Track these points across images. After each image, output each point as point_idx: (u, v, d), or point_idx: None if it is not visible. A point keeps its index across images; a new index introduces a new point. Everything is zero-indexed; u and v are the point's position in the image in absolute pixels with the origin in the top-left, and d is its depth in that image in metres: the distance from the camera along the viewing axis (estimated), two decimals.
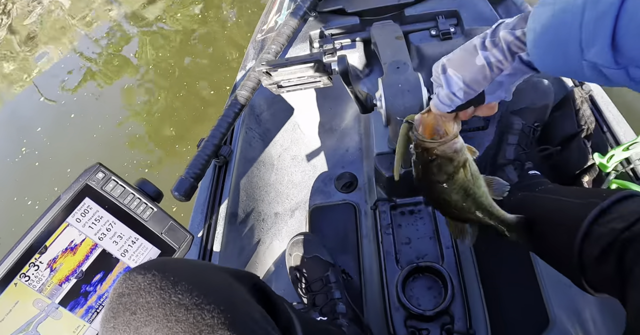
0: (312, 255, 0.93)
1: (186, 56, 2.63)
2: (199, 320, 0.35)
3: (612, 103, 0.92)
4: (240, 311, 0.38)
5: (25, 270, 0.56)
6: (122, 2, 3.36)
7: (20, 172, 2.42)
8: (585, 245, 0.55)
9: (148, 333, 0.34)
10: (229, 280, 0.41)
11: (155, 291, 0.36)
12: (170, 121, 2.28)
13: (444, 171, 0.56)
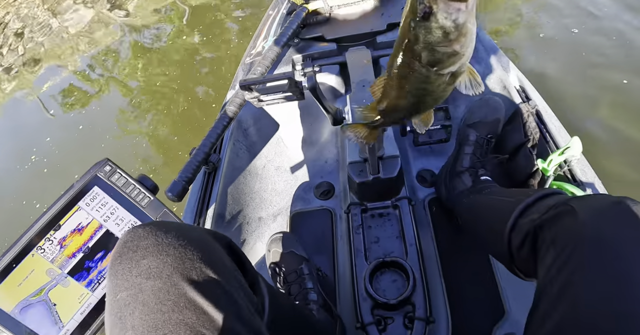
0: (289, 251, 1.04)
1: (190, 74, 2.79)
2: (183, 255, 0.47)
3: (555, 116, 1.06)
4: (215, 254, 0.50)
5: (42, 244, 0.67)
6: (132, 23, 3.53)
7: (29, 178, 2.52)
8: (512, 235, 0.67)
9: (145, 264, 0.46)
10: (207, 234, 0.53)
11: (151, 237, 0.48)
12: (174, 131, 2.42)
13: (429, 44, 0.48)
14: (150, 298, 0.44)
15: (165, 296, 0.44)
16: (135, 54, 3.25)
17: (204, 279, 0.46)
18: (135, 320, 0.43)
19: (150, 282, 0.45)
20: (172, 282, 0.45)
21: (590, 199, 0.57)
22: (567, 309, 0.49)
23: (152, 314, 0.43)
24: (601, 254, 0.49)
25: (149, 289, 0.44)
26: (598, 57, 1.98)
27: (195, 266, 0.47)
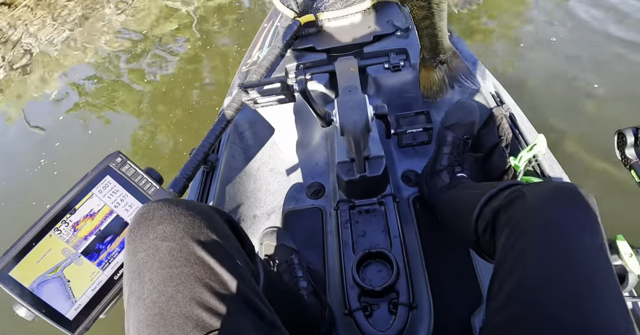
0: (280, 243, 1.12)
1: (193, 81, 2.91)
2: (192, 222, 0.55)
3: (526, 117, 1.16)
4: (218, 224, 0.58)
5: (59, 226, 0.75)
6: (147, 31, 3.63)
7: (39, 181, 2.60)
8: (478, 223, 0.77)
9: (161, 229, 0.54)
10: (210, 208, 0.61)
11: (165, 208, 0.56)
12: (180, 133, 2.53)
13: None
14: (165, 256, 0.52)
15: (178, 254, 0.52)
16: (141, 60, 3.37)
17: (209, 242, 0.55)
18: (152, 274, 0.51)
19: (165, 243, 0.53)
20: (184, 243, 0.53)
21: (538, 186, 0.66)
22: (519, 277, 0.58)
23: (167, 268, 0.51)
24: (545, 232, 0.59)
25: (164, 249, 0.52)
26: (573, 64, 2.12)
27: (202, 231, 0.55)
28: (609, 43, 2.19)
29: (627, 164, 0.92)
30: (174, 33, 3.52)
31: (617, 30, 2.25)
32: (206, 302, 0.50)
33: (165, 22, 3.68)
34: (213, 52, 3.11)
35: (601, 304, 0.51)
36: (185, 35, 3.45)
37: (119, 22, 4.00)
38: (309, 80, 1.31)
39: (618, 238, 0.80)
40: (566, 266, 0.55)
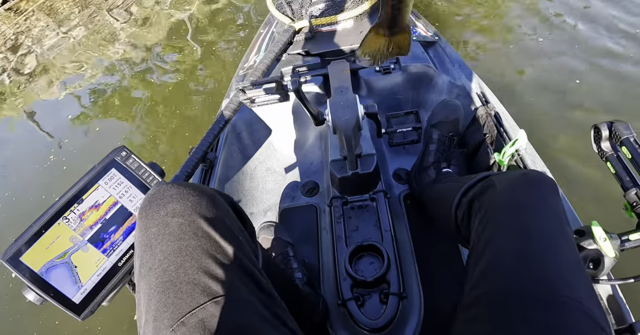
0: (275, 237, 1.17)
1: (194, 83, 3.00)
2: (199, 201, 0.60)
3: (510, 116, 1.22)
4: (222, 205, 0.64)
5: (67, 214, 0.80)
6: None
7: (49, 176, 2.69)
8: (457, 212, 0.82)
9: (171, 207, 0.59)
10: (215, 191, 0.67)
11: (174, 189, 0.61)
12: (187, 128, 2.62)
13: None
14: (175, 230, 0.57)
15: (186, 228, 0.57)
16: (142, 66, 3.48)
17: (215, 219, 0.60)
18: (163, 246, 0.57)
19: (175, 219, 0.58)
20: (192, 219, 0.58)
21: (507, 174, 0.73)
22: (489, 257, 0.63)
23: (177, 241, 0.57)
24: (510, 215, 0.65)
25: (174, 224, 0.58)
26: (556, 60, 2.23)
27: (208, 209, 0.60)
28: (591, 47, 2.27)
29: (603, 156, 0.98)
30: (175, 40, 3.62)
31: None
32: (212, 271, 0.55)
33: (166, 30, 3.79)
34: (213, 59, 3.19)
35: (562, 276, 0.56)
36: (185, 42, 3.54)
37: (122, 29, 4.10)
38: (304, 83, 1.36)
39: (593, 224, 0.86)
40: (529, 245, 0.60)
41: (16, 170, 2.92)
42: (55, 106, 3.47)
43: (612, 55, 2.18)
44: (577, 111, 1.95)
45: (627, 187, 0.91)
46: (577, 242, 0.84)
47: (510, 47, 2.44)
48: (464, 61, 1.41)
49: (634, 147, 0.90)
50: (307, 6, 1.55)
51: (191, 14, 3.88)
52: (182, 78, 3.11)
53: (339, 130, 1.05)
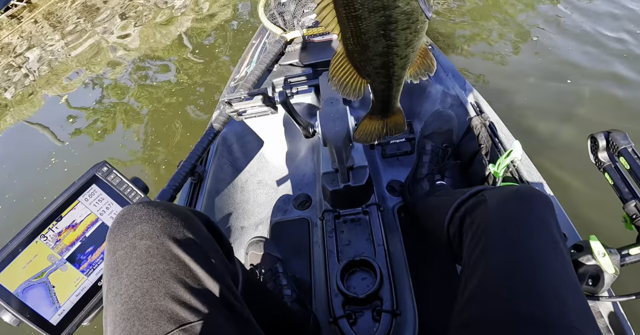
0: (265, 252, 1.14)
1: (191, 96, 2.99)
2: (169, 222, 0.57)
3: (505, 126, 1.20)
4: (195, 224, 0.61)
5: (45, 232, 0.77)
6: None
7: (50, 178, 2.70)
8: (449, 228, 0.79)
9: (139, 228, 0.56)
10: (188, 210, 0.63)
11: (144, 209, 0.58)
12: (186, 135, 2.61)
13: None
14: (142, 253, 0.54)
15: (154, 251, 0.54)
16: (141, 75, 3.52)
17: (186, 241, 0.57)
18: (130, 270, 0.53)
19: (143, 241, 0.55)
20: (161, 241, 0.55)
21: (498, 189, 0.70)
22: (479, 278, 0.61)
23: (144, 265, 0.53)
24: (501, 233, 0.62)
25: (142, 247, 0.55)
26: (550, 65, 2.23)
27: (179, 230, 0.57)
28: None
29: (600, 167, 0.95)
30: (173, 52, 3.64)
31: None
32: (180, 297, 0.52)
33: (164, 43, 3.80)
34: (209, 71, 3.20)
35: (553, 296, 0.53)
36: (184, 54, 3.56)
37: (121, 41, 4.13)
38: (295, 94, 1.34)
39: (591, 238, 0.83)
40: (520, 265, 0.58)
41: (17, 173, 2.94)
42: (57, 110, 3.51)
43: (613, 75, 2.17)
44: (574, 120, 1.93)
45: (626, 199, 0.88)
46: (575, 257, 0.81)
47: (505, 55, 2.43)
48: (457, 70, 1.39)
49: (632, 157, 0.87)
50: (299, 16, 1.54)
51: (185, 28, 3.89)
52: (186, 82, 3.15)
53: (329, 143, 1.03)
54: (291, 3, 1.58)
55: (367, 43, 0.48)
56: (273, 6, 1.62)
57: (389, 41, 0.48)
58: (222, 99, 1.04)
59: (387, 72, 0.54)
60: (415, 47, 0.51)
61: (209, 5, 4.09)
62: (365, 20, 0.45)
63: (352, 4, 0.44)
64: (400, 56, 0.51)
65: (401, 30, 0.47)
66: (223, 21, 3.78)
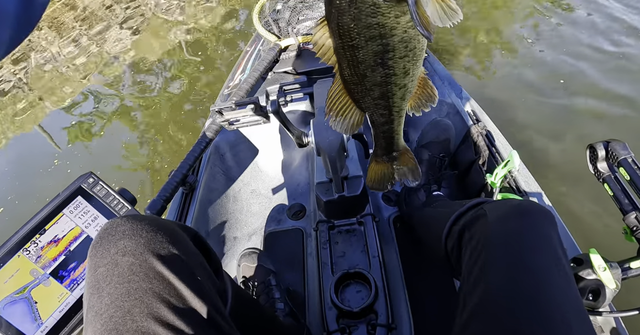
0: (258, 265, 1.11)
1: (189, 103, 3.00)
2: (154, 237, 0.55)
3: (502, 135, 1.18)
4: (181, 239, 0.58)
5: (28, 246, 0.74)
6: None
7: (53, 180, 2.73)
8: (447, 241, 0.77)
9: (122, 244, 0.53)
10: (174, 224, 0.61)
11: (128, 224, 0.56)
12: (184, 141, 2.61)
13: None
14: (124, 270, 0.52)
15: (137, 269, 0.52)
16: (141, 82, 3.54)
17: (170, 257, 0.54)
18: (111, 288, 0.51)
19: (125, 258, 0.52)
20: (144, 258, 0.53)
21: (499, 203, 0.68)
22: (480, 296, 0.58)
23: (126, 283, 0.51)
24: (502, 250, 0.60)
25: (124, 264, 0.52)
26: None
27: (163, 246, 0.55)
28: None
29: (600, 177, 0.93)
30: (171, 59, 3.66)
31: None
32: (163, 318, 0.50)
33: (164, 50, 3.81)
34: (207, 78, 3.21)
35: (556, 315, 0.51)
36: (182, 61, 3.58)
37: (120, 49, 4.14)
38: (290, 101, 1.32)
39: (591, 252, 0.80)
40: (522, 283, 0.56)
41: (20, 175, 2.96)
42: (59, 113, 3.54)
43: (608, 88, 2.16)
44: (572, 129, 1.91)
45: (626, 211, 0.86)
46: (575, 271, 0.79)
47: (503, 64, 2.42)
48: (453, 78, 1.37)
49: (632, 168, 0.85)
50: (293, 24, 1.52)
51: (185, 37, 3.90)
52: (185, 88, 3.17)
53: (323, 152, 1.01)
54: (286, 10, 1.57)
55: (364, 72, 0.47)
56: (268, 13, 1.60)
57: (387, 70, 0.47)
58: (213, 107, 1.02)
59: (387, 103, 0.52)
60: (414, 75, 0.50)
61: (207, 13, 4.10)
62: (362, 50, 0.44)
63: (349, 34, 0.43)
64: (399, 85, 0.50)
65: (399, 59, 0.46)
66: (220, 28, 3.79)
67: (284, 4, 1.59)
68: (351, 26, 0.42)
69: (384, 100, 0.51)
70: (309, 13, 1.56)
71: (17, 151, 3.34)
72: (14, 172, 3.00)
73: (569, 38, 2.46)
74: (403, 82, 0.50)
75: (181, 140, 2.63)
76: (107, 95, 3.51)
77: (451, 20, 0.41)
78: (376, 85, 0.49)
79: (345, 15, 0.40)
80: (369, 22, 0.41)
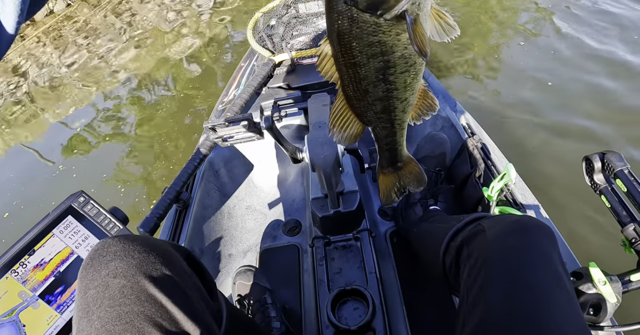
0: (253, 282, 1.09)
1: (188, 116, 3.03)
2: (146, 258, 0.53)
3: (498, 148, 1.17)
4: (174, 260, 0.57)
5: (16, 267, 0.72)
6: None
7: (58, 185, 2.79)
8: (445, 258, 0.76)
9: (113, 265, 0.52)
10: (167, 244, 0.60)
11: (120, 244, 0.54)
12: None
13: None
14: (115, 293, 0.50)
15: (128, 291, 0.50)
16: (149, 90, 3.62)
17: (163, 279, 0.53)
18: (101, 312, 0.49)
19: (116, 280, 0.51)
20: (136, 280, 0.51)
21: (497, 219, 0.67)
22: (479, 316, 0.57)
23: (117, 306, 0.49)
24: (503, 267, 0.59)
25: (115, 286, 0.51)
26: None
27: (156, 267, 0.53)
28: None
29: (596, 189, 0.93)
30: (171, 73, 3.71)
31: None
32: None
33: (163, 64, 3.87)
34: (205, 92, 3.25)
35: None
36: (180, 75, 3.63)
37: (120, 64, 4.20)
38: (284, 116, 1.32)
39: (590, 265, 0.79)
40: (522, 302, 0.54)
41: (25, 181, 2.99)
42: (64, 121, 3.62)
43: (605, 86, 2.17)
44: (569, 141, 1.91)
45: (624, 223, 0.85)
46: (575, 285, 0.78)
47: (498, 76, 2.43)
48: (447, 92, 1.38)
49: (628, 179, 0.85)
50: (288, 39, 1.53)
51: (184, 53, 3.95)
52: (183, 102, 3.21)
53: (318, 168, 1.00)
54: (280, 26, 1.57)
55: (366, 88, 0.48)
56: (262, 28, 1.61)
57: (388, 85, 0.48)
58: (206, 124, 1.01)
59: (389, 117, 0.54)
60: (415, 89, 0.51)
61: (206, 28, 4.18)
62: (364, 67, 0.45)
63: (351, 52, 0.44)
64: (401, 99, 0.51)
65: (400, 74, 0.47)
66: (218, 43, 3.84)
67: (277, 20, 1.60)
68: (353, 44, 0.43)
69: (386, 114, 0.53)
70: (303, 28, 1.56)
71: (23, 158, 3.42)
72: (19, 178, 3.06)
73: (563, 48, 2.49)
74: (404, 96, 0.51)
75: (178, 154, 2.65)
76: (106, 108, 3.56)
77: (449, 36, 0.44)
78: (378, 100, 0.50)
79: (347, 34, 0.41)
80: (370, 41, 0.42)
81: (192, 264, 0.62)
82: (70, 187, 2.64)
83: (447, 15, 0.45)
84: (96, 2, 6.10)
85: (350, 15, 0.40)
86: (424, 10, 0.42)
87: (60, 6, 6.30)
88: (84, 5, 6.14)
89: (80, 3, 6.27)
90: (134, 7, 5.42)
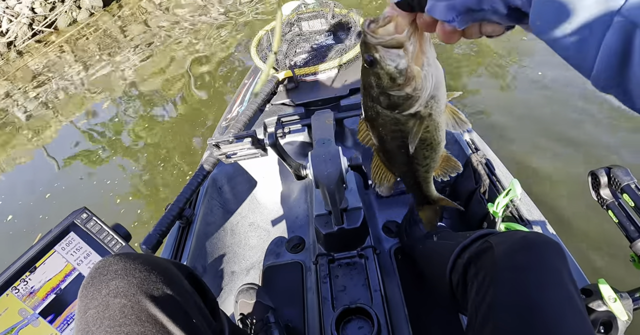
0: (255, 301, 1.07)
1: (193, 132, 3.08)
2: (147, 278, 0.53)
3: (502, 163, 1.16)
4: (176, 279, 0.56)
5: (17, 284, 0.72)
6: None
7: (61, 184, 2.90)
8: (452, 276, 0.74)
9: (114, 285, 0.51)
10: (169, 263, 0.59)
11: (121, 263, 0.54)
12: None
13: (382, 88, 0.48)
14: (116, 313, 0.49)
15: (129, 311, 0.49)
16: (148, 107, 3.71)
17: (164, 298, 0.52)
18: (101, 332, 0.48)
19: (117, 299, 0.50)
20: (136, 300, 0.50)
21: (505, 236, 0.65)
22: (490, 332, 0.56)
23: (117, 327, 0.48)
24: (512, 286, 0.58)
25: (115, 306, 0.50)
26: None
27: (157, 287, 0.52)
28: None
29: (603, 204, 0.92)
30: (179, 89, 3.79)
31: None
32: None
33: (173, 80, 3.97)
34: (211, 108, 3.29)
35: None
36: (188, 91, 3.70)
37: (131, 75, 4.34)
38: (288, 133, 1.32)
39: (600, 282, 0.78)
40: (532, 323, 0.53)
41: (28, 184, 3.12)
42: (76, 131, 3.73)
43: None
44: (575, 156, 1.90)
45: (632, 238, 0.84)
46: (585, 303, 0.76)
47: (503, 88, 2.44)
48: None
49: (636, 194, 0.84)
50: (290, 56, 1.54)
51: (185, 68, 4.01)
52: (192, 118, 3.26)
53: (322, 185, 0.99)
54: (283, 43, 1.59)
55: (392, 156, 0.60)
56: (265, 46, 1.63)
57: (409, 157, 0.58)
58: (210, 141, 1.01)
59: (413, 175, 0.62)
60: (434, 158, 0.59)
61: (216, 46, 4.28)
62: (388, 143, 0.57)
63: (378, 132, 0.56)
64: (422, 165, 0.60)
65: (419, 150, 0.56)
66: (226, 61, 3.93)
67: (281, 37, 1.62)
68: (380, 129, 0.55)
69: (410, 172, 0.62)
70: (306, 46, 1.58)
71: (26, 167, 3.55)
72: (24, 181, 3.22)
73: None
74: (424, 163, 0.60)
75: (181, 170, 2.68)
76: (113, 122, 3.64)
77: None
78: (402, 164, 0.60)
79: (374, 120, 0.54)
80: (392, 128, 0.53)
81: (194, 283, 0.61)
82: (75, 186, 2.82)
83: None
84: (117, 11, 6.34)
85: (376, 110, 0.52)
86: (437, 110, 0.51)
87: (83, 15, 6.58)
88: (105, 14, 6.42)
89: (103, 13, 6.58)
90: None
